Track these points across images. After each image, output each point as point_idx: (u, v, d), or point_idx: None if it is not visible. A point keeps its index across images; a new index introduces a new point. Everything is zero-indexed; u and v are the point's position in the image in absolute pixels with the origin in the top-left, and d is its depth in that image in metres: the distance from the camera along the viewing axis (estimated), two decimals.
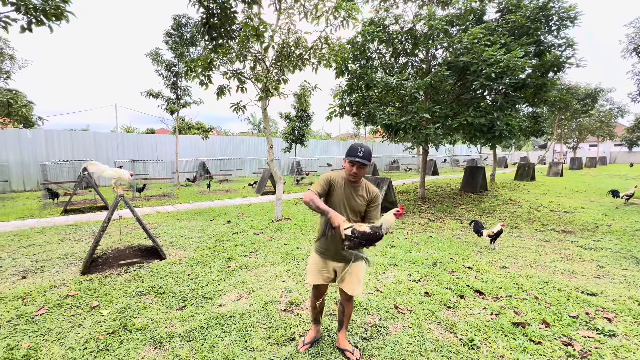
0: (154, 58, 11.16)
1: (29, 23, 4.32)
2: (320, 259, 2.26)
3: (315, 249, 2.31)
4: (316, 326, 2.48)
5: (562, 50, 7.58)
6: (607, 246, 4.93)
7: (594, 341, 2.49)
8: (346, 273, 2.21)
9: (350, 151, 2.07)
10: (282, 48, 5.85)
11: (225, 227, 6.13)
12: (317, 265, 2.27)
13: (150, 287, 3.41)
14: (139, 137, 15.19)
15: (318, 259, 2.27)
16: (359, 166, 2.05)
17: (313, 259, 2.31)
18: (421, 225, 6.38)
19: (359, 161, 2.02)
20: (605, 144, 38.55)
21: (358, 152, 2.03)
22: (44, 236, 5.40)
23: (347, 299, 2.31)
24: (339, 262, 2.24)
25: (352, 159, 2.03)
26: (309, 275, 2.31)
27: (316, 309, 2.41)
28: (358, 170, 2.06)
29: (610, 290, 3.40)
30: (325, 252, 2.23)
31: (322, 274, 2.26)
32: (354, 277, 2.23)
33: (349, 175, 2.11)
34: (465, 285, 3.50)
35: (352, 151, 2.06)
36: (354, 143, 2.13)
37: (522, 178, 14.57)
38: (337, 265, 2.25)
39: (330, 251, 2.21)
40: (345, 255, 2.18)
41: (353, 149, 2.06)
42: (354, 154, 2.04)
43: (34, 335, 2.54)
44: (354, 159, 2.02)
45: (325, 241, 2.20)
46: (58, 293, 3.24)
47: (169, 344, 2.46)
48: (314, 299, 2.38)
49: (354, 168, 2.06)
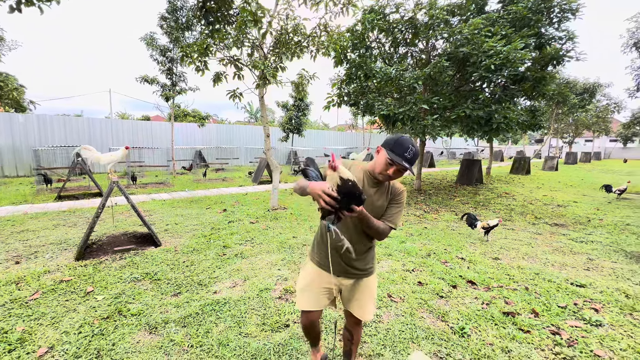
0: (149, 43, 10.91)
1: (17, 3, 4.16)
2: (317, 273, 1.71)
3: (311, 258, 1.76)
4: (315, 349, 1.98)
5: (562, 43, 7.52)
6: (597, 239, 5.02)
7: (580, 330, 2.55)
8: (355, 290, 1.71)
9: (396, 147, 1.49)
10: (280, 35, 5.74)
11: (221, 215, 6.13)
12: (313, 282, 1.70)
13: (145, 273, 3.42)
14: (134, 123, 14.98)
15: (315, 273, 1.71)
16: (400, 170, 1.52)
17: (308, 272, 1.75)
18: (416, 217, 6.43)
19: (404, 165, 1.48)
20: (600, 139, 38.82)
21: (407, 153, 1.47)
22: (37, 222, 5.36)
23: (357, 324, 1.82)
24: (348, 276, 1.69)
25: (398, 160, 1.46)
26: (299, 295, 1.73)
27: (311, 335, 1.88)
28: (395, 174, 1.53)
29: (598, 282, 3.47)
30: (328, 264, 1.63)
31: (319, 296, 1.70)
32: (366, 295, 1.72)
33: (381, 174, 1.54)
34: (458, 276, 3.55)
35: (399, 148, 1.48)
36: (404, 137, 1.51)
37: (518, 172, 14.67)
38: (344, 283, 1.71)
39: (335, 261, 1.64)
40: (355, 265, 1.67)
41: (402, 146, 1.48)
42: (402, 153, 1.47)
43: (28, 319, 2.55)
44: (400, 162, 1.46)
45: (325, 247, 1.66)
46: (52, 278, 3.24)
47: (164, 329, 2.48)
48: (305, 321, 1.77)
49: (392, 170, 1.50)
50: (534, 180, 12.85)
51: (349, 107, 8.07)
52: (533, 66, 7.62)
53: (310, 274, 1.72)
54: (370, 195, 1.58)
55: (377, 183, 1.62)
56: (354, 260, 1.64)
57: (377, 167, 1.55)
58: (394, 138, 1.53)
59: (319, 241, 1.73)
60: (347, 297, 1.74)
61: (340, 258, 1.63)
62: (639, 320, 2.71)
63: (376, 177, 1.58)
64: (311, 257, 1.76)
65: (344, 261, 1.64)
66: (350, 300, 1.73)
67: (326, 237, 1.63)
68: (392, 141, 1.52)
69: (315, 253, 1.73)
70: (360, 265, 1.67)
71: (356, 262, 1.65)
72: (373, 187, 1.61)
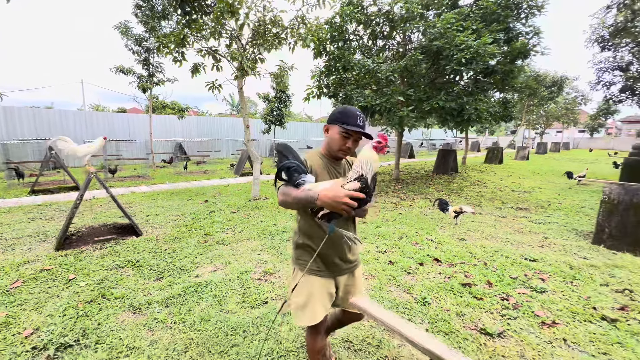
0: (123, 32, 10.57)
1: None
2: (318, 281, 1.52)
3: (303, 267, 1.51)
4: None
5: (529, 38, 7.94)
6: (554, 221, 5.49)
7: (526, 296, 2.89)
8: (350, 286, 1.63)
9: (344, 117, 1.42)
10: (258, 26, 5.79)
11: (203, 206, 6.20)
12: (316, 292, 1.51)
13: (127, 261, 3.51)
14: (109, 115, 14.54)
15: (316, 282, 1.52)
16: (358, 138, 1.45)
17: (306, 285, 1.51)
18: (392, 204, 6.74)
19: (361, 131, 1.42)
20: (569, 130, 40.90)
21: (358, 120, 1.41)
22: (11, 216, 5.26)
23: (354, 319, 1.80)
24: (344, 273, 1.59)
25: (351, 128, 1.39)
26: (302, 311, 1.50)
27: (321, 352, 1.62)
28: (354, 144, 1.46)
29: (549, 256, 3.87)
30: (326, 268, 1.54)
31: (325, 304, 1.53)
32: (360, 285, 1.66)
33: (341, 150, 1.47)
34: (426, 255, 3.85)
35: (349, 118, 1.41)
36: (349, 107, 1.45)
37: (491, 161, 15.38)
38: (341, 280, 1.61)
39: (331, 262, 1.53)
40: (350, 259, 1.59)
41: (350, 115, 1.41)
42: (353, 121, 1.40)
43: (10, 305, 2.61)
44: (354, 128, 1.40)
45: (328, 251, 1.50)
46: (32, 268, 3.28)
47: (147, 309, 2.62)
48: (314, 341, 1.57)
49: (350, 141, 1.44)
50: (505, 169, 13.55)
51: (328, 98, 8.23)
52: (502, 60, 8.02)
53: (310, 285, 1.50)
54: (333, 174, 1.53)
55: (337, 162, 1.57)
56: (350, 254, 1.57)
57: (334, 144, 1.47)
58: (340, 111, 1.46)
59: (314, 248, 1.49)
60: (342, 295, 1.63)
61: (339, 257, 1.54)
62: (576, 286, 3.09)
63: (335, 155, 1.52)
64: (303, 267, 1.51)
65: (342, 259, 1.55)
66: (345, 298, 1.63)
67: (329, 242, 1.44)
68: (340, 114, 1.44)
69: (313, 261, 1.49)
70: (354, 257, 1.61)
71: (351, 255, 1.58)
72: (335, 167, 1.55)
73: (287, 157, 1.37)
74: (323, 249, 1.45)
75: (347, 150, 1.48)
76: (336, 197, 1.16)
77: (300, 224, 1.56)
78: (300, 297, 1.51)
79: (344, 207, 1.16)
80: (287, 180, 1.33)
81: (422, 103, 7.49)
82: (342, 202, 1.15)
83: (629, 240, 4.08)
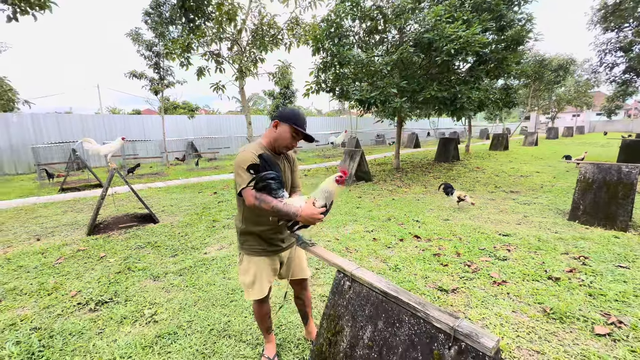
0: (134, 38, 11.23)
1: (14, 13, 4.67)
2: (263, 261, 1.80)
3: (249, 251, 1.78)
4: (270, 335, 2.04)
5: (522, 25, 8.07)
6: (540, 202, 5.77)
7: (488, 263, 3.30)
8: (291, 259, 1.93)
9: (297, 119, 1.63)
10: (256, 29, 6.25)
11: (212, 197, 6.80)
12: (262, 270, 1.79)
13: (147, 242, 4.11)
14: (125, 118, 15.41)
15: (260, 262, 1.79)
16: (300, 139, 1.69)
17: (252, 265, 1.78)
18: (389, 192, 7.15)
19: (308, 134, 1.67)
20: (586, 113, 39.61)
21: (305, 124, 1.67)
22: (47, 210, 6.00)
23: (304, 288, 2.04)
24: (286, 249, 1.87)
25: (301, 130, 1.63)
26: (251, 288, 1.79)
27: (266, 314, 1.94)
28: (296, 143, 1.71)
29: (522, 232, 4.22)
30: (269, 247, 1.79)
31: (269, 279, 1.83)
32: (301, 256, 1.98)
33: (286, 147, 1.69)
34: (408, 233, 4.28)
35: (300, 120, 1.64)
36: (298, 111, 1.69)
37: (496, 148, 15.41)
38: (284, 255, 1.90)
39: (274, 243, 1.80)
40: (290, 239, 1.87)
41: (301, 118, 1.65)
42: (303, 124, 1.64)
43: (57, 275, 3.24)
44: (305, 132, 1.65)
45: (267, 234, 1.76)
46: (71, 248, 3.93)
47: (165, 277, 3.19)
48: (260, 308, 1.89)
49: (296, 140, 1.68)
50: (509, 155, 13.61)
51: (326, 93, 8.62)
52: (495, 48, 8.19)
53: (256, 265, 1.78)
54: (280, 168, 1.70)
55: (278, 155, 1.75)
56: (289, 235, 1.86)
57: (282, 140, 1.66)
58: (295, 113, 1.65)
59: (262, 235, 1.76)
60: (287, 269, 1.92)
61: (280, 240, 1.81)
62: (538, 255, 3.46)
63: (279, 150, 1.71)
64: (250, 252, 1.78)
65: (282, 240, 1.82)
66: (290, 268, 1.91)
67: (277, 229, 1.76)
68: (294, 116, 1.64)
69: (257, 245, 1.77)
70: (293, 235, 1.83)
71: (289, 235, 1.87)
72: (277, 160, 1.72)
73: (271, 167, 1.54)
74: (268, 233, 1.75)
75: (292, 147, 1.72)
76: (313, 215, 1.45)
77: (245, 214, 1.74)
78: (248, 277, 1.78)
79: (317, 221, 1.48)
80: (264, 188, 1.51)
81: (416, 94, 7.80)
82: (317, 219, 1.47)
83: (600, 215, 4.38)
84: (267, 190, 1.52)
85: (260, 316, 1.93)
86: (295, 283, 2.01)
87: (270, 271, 1.83)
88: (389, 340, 1.03)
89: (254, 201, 1.49)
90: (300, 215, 1.46)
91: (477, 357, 0.83)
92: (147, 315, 2.53)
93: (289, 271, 1.93)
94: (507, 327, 2.25)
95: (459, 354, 0.87)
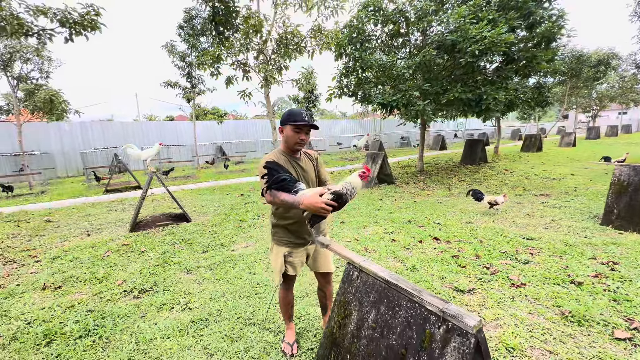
0: (170, 50, 12.06)
1: (70, 35, 5.30)
2: (289, 251, 1.98)
3: (278, 241, 1.99)
4: (291, 323, 2.24)
5: (552, 21, 7.75)
6: (572, 205, 5.54)
7: (508, 266, 3.28)
8: (317, 253, 2.08)
9: (291, 117, 1.80)
10: (279, 39, 6.57)
11: (239, 199, 7.18)
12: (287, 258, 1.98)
13: (181, 239, 4.49)
14: (160, 124, 16.49)
15: (287, 252, 1.98)
16: (307, 131, 1.84)
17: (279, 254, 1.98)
18: (411, 194, 7.14)
19: (308, 124, 1.78)
20: (633, 110, 36.42)
21: (304, 116, 1.78)
22: (94, 209, 6.66)
23: (327, 282, 2.18)
24: (313, 243, 2.02)
25: (299, 123, 1.77)
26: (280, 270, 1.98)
27: (290, 304, 2.16)
28: (306, 136, 1.84)
29: (548, 236, 4.11)
30: (296, 240, 1.97)
31: (293, 265, 2.00)
32: (327, 254, 2.10)
33: (296, 144, 1.85)
34: (428, 235, 4.32)
35: (294, 116, 1.79)
36: (293, 109, 1.85)
37: (528, 149, 14.70)
38: (310, 248, 2.06)
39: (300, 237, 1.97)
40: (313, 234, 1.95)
41: (296, 114, 1.80)
42: (299, 118, 1.78)
43: (105, 267, 3.66)
44: (301, 123, 1.77)
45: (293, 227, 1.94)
46: (116, 243, 4.39)
47: (197, 271, 3.50)
48: (285, 295, 2.12)
49: (302, 134, 1.82)
50: (542, 157, 12.95)
51: (348, 97, 8.76)
52: (524, 46, 7.93)
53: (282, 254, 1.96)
54: (297, 168, 1.91)
55: (295, 155, 1.94)
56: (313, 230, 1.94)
57: (290, 140, 1.85)
58: (289, 113, 1.84)
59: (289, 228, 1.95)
60: (313, 261, 2.09)
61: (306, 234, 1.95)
62: (562, 259, 3.39)
63: (293, 149, 1.89)
64: (279, 242, 1.97)
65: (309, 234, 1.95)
66: (316, 261, 2.08)
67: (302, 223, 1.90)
68: (289, 116, 1.82)
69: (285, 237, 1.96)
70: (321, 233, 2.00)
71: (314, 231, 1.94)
72: (295, 159, 1.94)
73: (278, 171, 1.71)
74: (294, 227, 1.94)
75: (301, 142, 1.85)
76: (315, 203, 1.54)
77: (273, 210, 1.99)
78: (276, 262, 1.99)
79: (321, 210, 1.55)
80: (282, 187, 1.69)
81: (439, 96, 7.74)
82: (319, 207, 1.54)
83: (636, 220, 4.16)
84: (284, 188, 1.69)
85: (284, 304, 2.15)
86: (320, 276, 2.16)
87: (298, 260, 2.01)
88: (389, 322, 1.18)
89: (269, 198, 1.70)
90: (302, 202, 1.58)
91: (461, 334, 0.96)
92: (182, 303, 2.82)
93: (315, 264, 2.10)
94: (521, 328, 2.28)
95: (446, 332, 1.00)
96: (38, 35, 5.32)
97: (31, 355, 2.22)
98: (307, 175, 1.96)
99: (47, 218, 5.99)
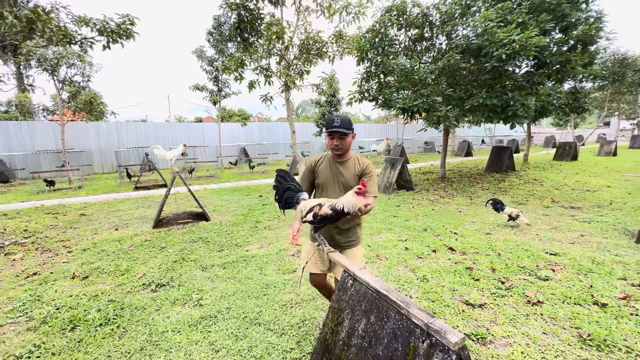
0: (199, 55, 12.62)
1: (107, 42, 5.71)
2: (312, 246, 2.13)
3: (311, 239, 2.18)
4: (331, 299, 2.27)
5: (590, 24, 7.31)
6: (605, 220, 5.17)
7: (526, 282, 3.13)
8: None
9: (327, 125, 2.00)
10: (301, 45, 6.69)
11: (257, 200, 7.35)
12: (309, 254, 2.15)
13: (199, 237, 4.68)
14: (188, 125, 17.22)
15: (311, 248, 2.14)
16: (340, 136, 1.97)
17: (309, 249, 2.18)
18: (429, 202, 6.98)
19: (337, 130, 1.93)
20: None
21: (335, 122, 1.94)
22: (124, 205, 7.09)
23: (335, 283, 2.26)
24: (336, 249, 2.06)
25: (330, 130, 1.95)
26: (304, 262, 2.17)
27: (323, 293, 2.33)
28: (339, 141, 1.98)
29: (574, 252, 3.87)
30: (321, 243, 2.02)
31: (318, 264, 2.14)
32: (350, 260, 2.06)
33: (333, 149, 2.03)
34: (443, 245, 4.21)
35: (328, 123, 1.98)
36: (331, 116, 2.06)
37: (562, 158, 13.85)
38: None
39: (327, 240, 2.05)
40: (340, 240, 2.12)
41: (329, 121, 1.97)
42: (331, 125, 1.95)
43: (128, 260, 3.90)
44: (332, 130, 1.94)
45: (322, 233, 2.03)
46: (140, 238, 4.65)
47: (211, 269, 3.64)
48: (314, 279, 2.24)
49: (334, 140, 1.99)
50: (576, 166, 12.15)
51: (369, 102, 8.73)
52: (557, 50, 7.53)
53: (311, 250, 2.15)
54: (335, 171, 2.06)
55: (338, 158, 2.08)
56: (338, 236, 2.11)
57: (329, 146, 2.05)
58: (326, 121, 2.10)
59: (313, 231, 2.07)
60: (334, 265, 2.14)
61: (331, 238, 2.09)
62: (587, 278, 3.18)
63: (335, 153, 2.06)
64: (311, 239, 2.19)
65: (332, 239, 2.10)
66: (336, 266, 2.10)
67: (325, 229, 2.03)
68: (326, 124, 2.02)
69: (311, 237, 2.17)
70: (344, 239, 2.12)
71: (340, 237, 2.11)
72: (338, 164, 2.07)
73: (286, 179, 1.94)
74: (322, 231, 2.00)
75: (335, 147, 2.01)
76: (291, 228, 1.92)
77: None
78: (305, 257, 2.19)
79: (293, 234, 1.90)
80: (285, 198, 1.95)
81: (463, 102, 7.52)
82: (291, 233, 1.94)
83: None
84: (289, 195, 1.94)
85: (315, 285, 2.27)
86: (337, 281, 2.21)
87: (322, 258, 2.13)
88: (378, 332, 1.19)
89: None
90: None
91: (443, 350, 0.96)
92: (194, 299, 2.95)
93: (333, 268, 2.17)
94: (532, 348, 2.18)
95: (429, 347, 1.00)
96: (80, 43, 5.79)
97: (57, 339, 2.42)
98: (343, 179, 2.06)
99: (82, 212, 6.47)
